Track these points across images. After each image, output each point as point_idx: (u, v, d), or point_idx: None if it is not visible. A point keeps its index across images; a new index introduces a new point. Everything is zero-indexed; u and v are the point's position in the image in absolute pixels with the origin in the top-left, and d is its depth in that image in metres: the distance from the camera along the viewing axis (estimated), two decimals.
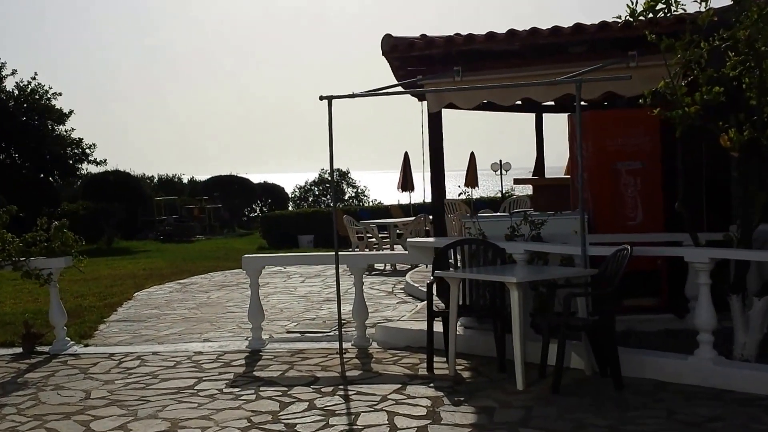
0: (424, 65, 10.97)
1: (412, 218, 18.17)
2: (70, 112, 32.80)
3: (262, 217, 25.43)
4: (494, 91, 10.27)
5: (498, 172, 32.01)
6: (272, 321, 11.11)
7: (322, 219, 25.16)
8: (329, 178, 52.22)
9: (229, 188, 41.27)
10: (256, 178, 44.53)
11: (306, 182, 51.92)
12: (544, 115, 17.15)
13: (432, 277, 8.45)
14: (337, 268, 9.24)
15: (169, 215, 36.38)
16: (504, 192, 32.84)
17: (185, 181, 45.21)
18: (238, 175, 43.11)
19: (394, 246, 17.13)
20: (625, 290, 7.76)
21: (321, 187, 52.13)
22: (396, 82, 12.28)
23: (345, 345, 9.05)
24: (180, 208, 37.61)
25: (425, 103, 15.86)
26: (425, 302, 10.91)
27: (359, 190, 52.48)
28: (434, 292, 9.08)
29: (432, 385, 7.42)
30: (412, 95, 15.10)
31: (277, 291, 14.22)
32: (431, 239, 9.77)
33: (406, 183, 26.81)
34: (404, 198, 31.36)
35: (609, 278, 7.26)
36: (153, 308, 12.81)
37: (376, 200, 52.98)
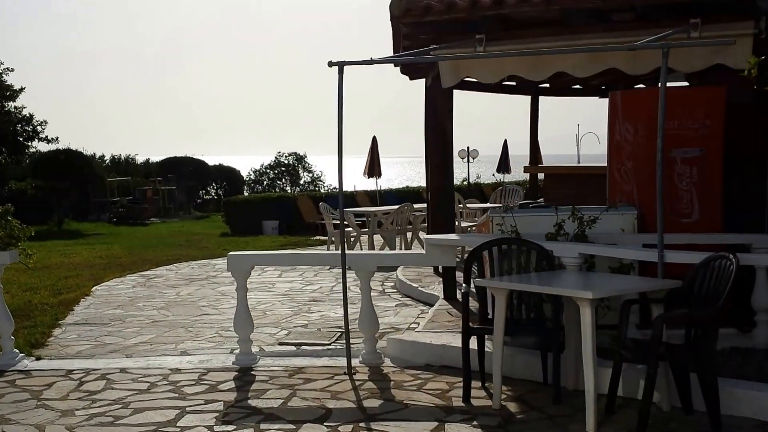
0: (437, 33, 9.29)
1: (394, 207, 16.47)
2: (22, 88, 30.39)
3: (225, 201, 23.47)
4: (526, 62, 8.68)
5: (465, 160, 30.44)
6: (258, 327, 9.33)
7: (287, 204, 23.34)
8: (286, 162, 50.37)
9: (183, 170, 39.12)
10: (211, 161, 42.42)
11: (261, 165, 49.92)
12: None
13: (466, 285, 6.77)
14: (344, 272, 7.51)
15: (122, 197, 34.22)
16: (470, 180, 31.29)
17: (138, 161, 42.85)
18: (194, 157, 40.95)
19: (374, 237, 15.40)
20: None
21: (276, 171, 50.20)
22: (390, 55, 10.59)
23: (353, 362, 7.37)
24: (133, 189, 35.41)
25: (422, 81, 14.22)
26: (435, 307, 9.36)
27: (315, 175, 50.62)
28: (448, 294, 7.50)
29: (476, 423, 5.81)
30: (403, 69, 13.40)
31: (252, 286, 12.41)
32: (454, 236, 8.09)
33: (373, 169, 25.11)
34: (366, 184, 29.73)
35: (707, 296, 5.67)
36: (115, 307, 10.96)
37: (331, 185, 51.23)
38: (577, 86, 15.98)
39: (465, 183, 31.16)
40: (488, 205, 16.09)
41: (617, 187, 8.51)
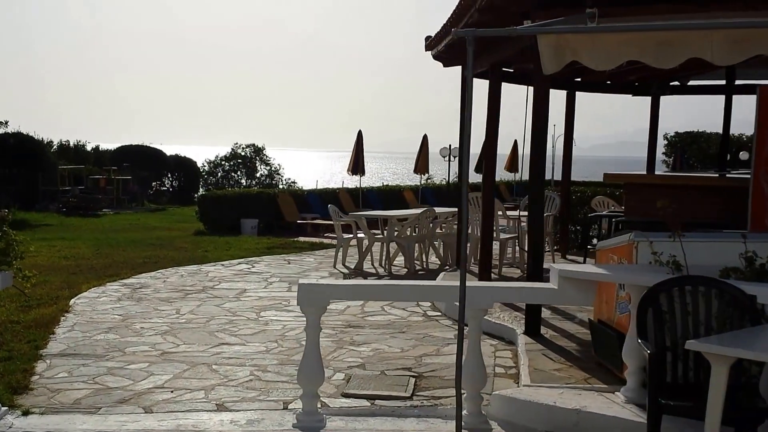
0: (532, 5, 7.44)
1: (418, 210, 14.45)
2: None
3: (201, 196, 21.18)
4: (653, 44, 6.80)
5: (446, 158, 28.57)
6: (290, 362, 7.28)
7: (267, 202, 21.15)
8: (243, 154, 47.97)
9: (138, 159, 36.52)
10: (167, 150, 39.85)
11: (217, 156, 47.49)
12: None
13: (643, 342, 4.85)
14: (462, 309, 5.51)
15: (74, 186, 31.55)
16: (450, 180, 29.40)
17: (89, 149, 39.99)
18: (151, 146, 38.34)
19: (390, 245, 13.39)
20: None
21: (232, 163, 47.82)
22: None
23: (449, 426, 5.42)
24: (85, 178, 32.72)
25: (456, 69, 12.27)
26: (521, 347, 7.39)
27: (273, 169, 48.38)
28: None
29: None
30: (441, 54, 11.50)
31: (265, 304, 10.36)
32: (598, 269, 6.10)
33: (357, 166, 23.09)
34: (333, 180, 27.70)
35: None
36: (106, 330, 8.77)
37: (290, 179, 49.05)
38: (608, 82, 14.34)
39: (444, 183, 29.31)
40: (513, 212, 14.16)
41: (764, 200, 6.72)
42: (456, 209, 14.57)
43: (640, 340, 5.01)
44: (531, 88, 11.48)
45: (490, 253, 10.63)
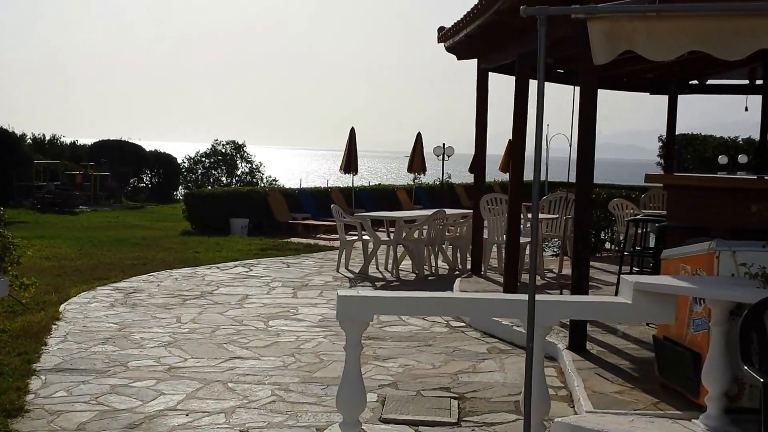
0: None
1: (426, 211, 13.74)
2: None
3: (187, 194, 20.35)
4: (717, 33, 6.16)
5: (440, 157, 27.92)
6: (327, 385, 6.59)
7: (256, 200, 20.39)
8: (223, 150, 47.12)
9: (116, 155, 35.56)
10: (146, 146, 38.87)
11: (197, 153, 46.62)
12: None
13: (752, 372, 4.22)
14: (530, 332, 4.85)
15: (49, 181, 30.56)
16: (443, 180, 28.76)
17: (65, 143, 38.95)
18: (129, 141, 37.37)
19: (397, 248, 12.72)
20: None
21: (213, 159, 46.98)
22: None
23: None
24: (61, 173, 31.73)
25: (468, 62, 11.63)
26: (569, 364, 6.71)
27: (254, 166, 47.59)
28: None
29: None
30: (455, 46, 10.84)
31: (272, 312, 9.65)
32: (678, 281, 5.43)
33: (350, 164, 22.43)
34: (317, 178, 26.99)
35: None
36: (103, 341, 8.02)
37: (271, 177, 48.26)
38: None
39: (437, 183, 28.67)
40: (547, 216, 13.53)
41: None
42: (467, 211, 13.94)
43: (746, 367, 4.37)
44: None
45: (517, 259, 9.98)
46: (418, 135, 25.69)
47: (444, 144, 27.95)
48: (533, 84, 9.66)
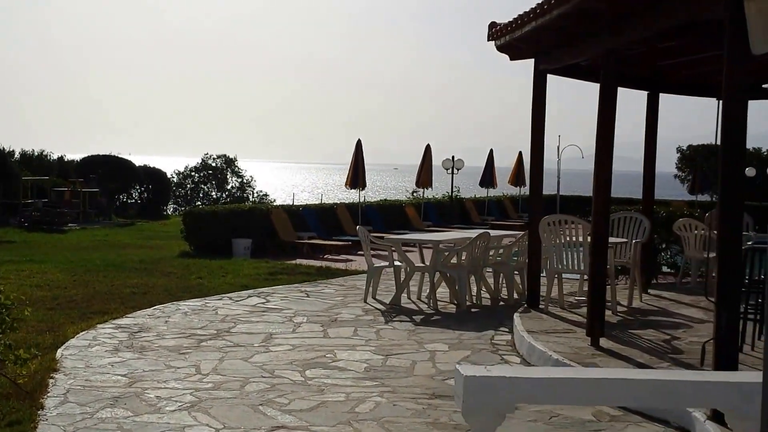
0: None
1: (468, 233, 12.21)
2: None
3: (186, 213, 18.75)
4: None
5: (449, 171, 26.50)
6: None
7: (258, 219, 18.88)
8: (214, 165, 45.61)
9: (106, 170, 33.96)
10: (136, 161, 37.27)
11: (186, 167, 45.16)
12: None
13: None
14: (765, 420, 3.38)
15: (37, 198, 28.92)
16: (453, 194, 27.32)
17: (53, 158, 37.29)
18: (119, 156, 35.76)
19: (434, 278, 11.25)
20: None
21: (202, 174, 45.53)
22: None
23: None
24: (49, 190, 30.10)
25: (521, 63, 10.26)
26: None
27: (245, 180, 46.14)
28: None
29: None
30: (509, 45, 9.46)
31: (305, 358, 8.16)
32: None
33: (357, 178, 20.98)
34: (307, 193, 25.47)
35: None
36: (112, 401, 6.50)
37: (261, 191, 46.82)
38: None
39: (446, 197, 27.25)
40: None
41: None
42: (513, 233, 12.50)
43: None
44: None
45: (604, 297, 8.53)
46: (427, 147, 24.30)
47: (453, 157, 26.54)
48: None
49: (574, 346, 8.18)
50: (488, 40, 10.09)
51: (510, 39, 9.42)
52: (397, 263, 11.53)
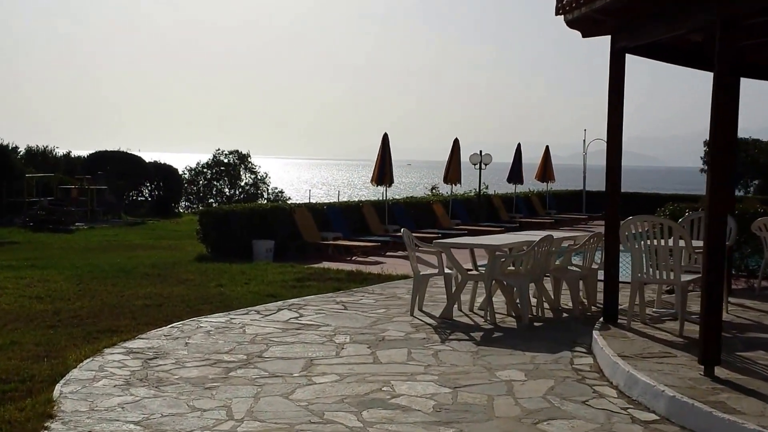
0: None
1: (528, 235, 10.62)
2: None
3: (203, 212, 17.23)
4: None
5: (477, 166, 24.97)
6: None
7: (283, 218, 17.40)
8: (226, 161, 44.15)
9: (114, 166, 32.56)
10: (146, 157, 35.86)
11: (198, 164, 43.73)
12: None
13: None
14: None
15: (42, 197, 27.52)
16: (481, 190, 25.78)
17: (59, 154, 35.89)
18: (129, 152, 34.32)
19: (490, 287, 9.72)
20: None
21: (215, 170, 44.09)
22: None
23: None
24: (55, 188, 28.69)
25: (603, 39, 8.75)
26: None
27: (258, 177, 44.68)
28: None
29: None
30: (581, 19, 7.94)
31: (357, 392, 6.66)
32: None
33: (383, 174, 19.47)
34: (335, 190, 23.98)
35: None
36: None
37: (276, 188, 45.39)
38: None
39: (473, 194, 25.70)
40: None
41: None
42: (578, 234, 10.98)
43: None
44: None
45: (721, 317, 6.98)
46: (456, 141, 22.77)
47: (481, 151, 24.98)
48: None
49: (684, 376, 6.65)
50: (557, 14, 8.58)
51: (588, 10, 7.88)
52: (447, 270, 10.00)
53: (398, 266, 15.35)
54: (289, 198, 45.40)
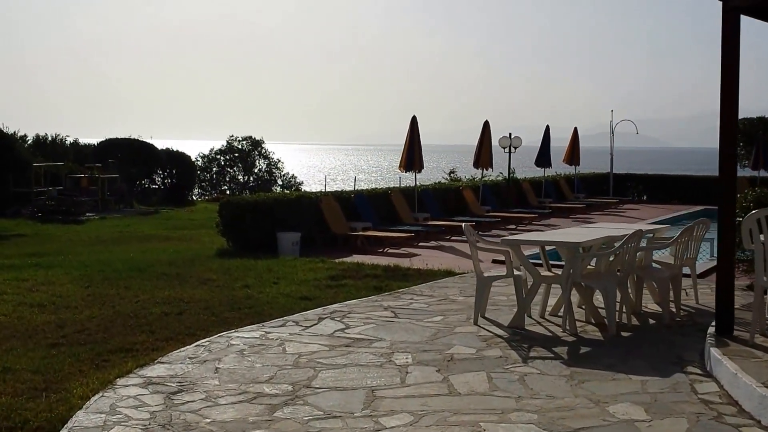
0: None
1: (612, 229, 9.00)
2: None
3: (223, 203, 15.66)
4: None
5: (507, 150, 23.34)
6: None
7: (308, 208, 15.83)
8: (240, 147, 42.60)
9: (125, 154, 31.02)
10: (158, 144, 34.30)
11: (211, 150, 42.33)
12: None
13: None
14: None
15: (51, 186, 26.03)
16: (509, 175, 24.15)
17: (68, 142, 34.35)
18: (140, 139, 32.77)
19: (570, 288, 8.12)
20: None
21: (228, 157, 42.67)
22: None
23: None
24: (64, 177, 27.17)
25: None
26: None
27: (272, 162, 43.22)
28: None
29: None
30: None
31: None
32: None
33: (413, 160, 17.88)
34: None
35: None
36: None
37: (289, 173, 43.92)
38: None
39: (501, 177, 24.09)
40: None
41: None
42: (669, 230, 9.39)
43: None
44: None
45: None
46: (486, 124, 21.15)
47: (510, 134, 23.35)
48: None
49: None
50: None
51: None
52: (517, 273, 8.42)
53: (434, 259, 13.85)
54: (302, 183, 43.88)
